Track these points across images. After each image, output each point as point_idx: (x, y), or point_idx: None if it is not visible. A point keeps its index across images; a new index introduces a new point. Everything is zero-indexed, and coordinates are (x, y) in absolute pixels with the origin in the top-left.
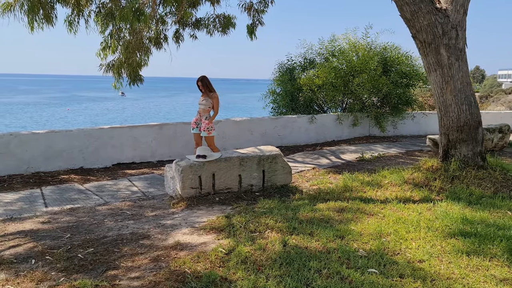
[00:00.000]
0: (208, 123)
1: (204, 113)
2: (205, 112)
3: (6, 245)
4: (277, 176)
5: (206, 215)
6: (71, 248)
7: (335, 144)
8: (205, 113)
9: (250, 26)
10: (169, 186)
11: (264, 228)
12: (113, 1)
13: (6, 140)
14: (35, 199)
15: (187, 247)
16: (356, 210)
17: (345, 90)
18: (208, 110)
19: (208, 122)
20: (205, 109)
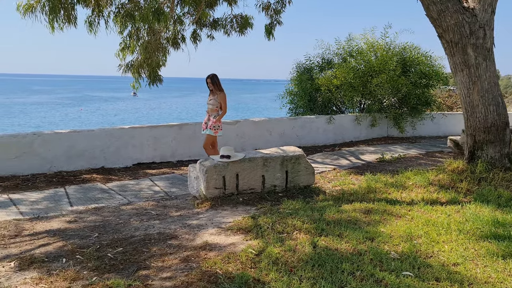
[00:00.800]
0: (215, 121)
1: (212, 113)
2: (213, 112)
3: (36, 244)
4: (300, 176)
5: (231, 215)
6: (100, 248)
7: (353, 144)
8: (213, 113)
9: (268, 26)
10: (193, 186)
11: (291, 229)
12: (132, 1)
13: (29, 139)
14: (60, 198)
15: (216, 247)
16: (383, 212)
17: (363, 91)
18: (216, 109)
19: (215, 121)
20: (213, 108)
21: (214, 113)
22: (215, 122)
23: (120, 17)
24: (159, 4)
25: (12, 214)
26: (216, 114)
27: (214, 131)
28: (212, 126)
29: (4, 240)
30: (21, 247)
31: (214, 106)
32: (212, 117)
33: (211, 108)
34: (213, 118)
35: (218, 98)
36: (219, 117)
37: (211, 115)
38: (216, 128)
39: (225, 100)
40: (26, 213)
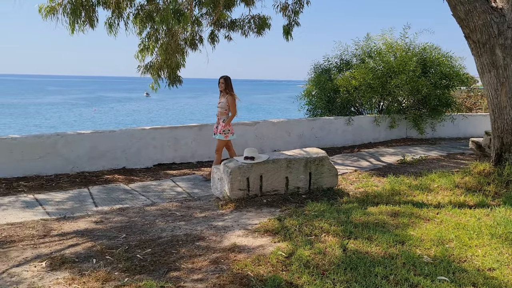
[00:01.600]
0: (224, 125)
1: (221, 116)
2: (223, 115)
3: (66, 244)
4: (323, 178)
5: (256, 217)
6: (129, 248)
7: (372, 146)
8: (222, 116)
9: (286, 27)
10: (216, 188)
11: (319, 231)
12: (151, 3)
13: (53, 140)
14: (84, 198)
15: (245, 249)
16: (410, 215)
17: (382, 92)
18: (225, 112)
19: (224, 125)
20: (222, 111)
21: (224, 117)
22: (224, 126)
23: (140, 19)
24: (179, 5)
25: (39, 214)
26: (225, 117)
27: (225, 136)
28: (222, 131)
29: (33, 240)
30: (51, 247)
31: (223, 109)
32: (222, 121)
33: (220, 111)
34: (222, 122)
35: (226, 101)
36: (228, 120)
37: (220, 119)
38: (226, 132)
39: (234, 102)
40: (52, 213)
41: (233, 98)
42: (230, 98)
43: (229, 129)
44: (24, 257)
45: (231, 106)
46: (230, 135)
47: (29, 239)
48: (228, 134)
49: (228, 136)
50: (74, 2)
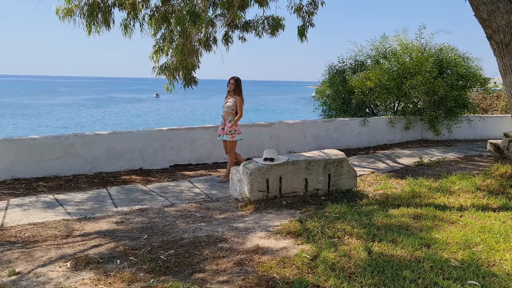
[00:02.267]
0: (231, 126)
1: (227, 117)
2: (229, 116)
3: (89, 245)
4: (342, 180)
5: (276, 219)
6: (152, 250)
7: (387, 147)
8: (228, 117)
9: (301, 28)
10: (235, 189)
11: (342, 233)
12: (166, 4)
13: (71, 141)
14: (103, 199)
15: (268, 251)
16: (433, 218)
17: (398, 93)
18: (231, 113)
19: (231, 125)
20: (229, 112)
21: (230, 117)
22: (230, 127)
23: (155, 20)
24: (195, 7)
25: (60, 214)
26: (231, 118)
27: (231, 136)
28: (228, 131)
29: (57, 240)
30: (74, 247)
31: (230, 109)
32: (228, 122)
33: (226, 112)
34: (228, 123)
35: (234, 101)
36: (235, 121)
37: (226, 120)
38: (233, 132)
39: (241, 104)
40: (73, 214)
41: (241, 99)
42: (239, 99)
43: (236, 130)
44: (48, 257)
45: (238, 107)
46: (237, 136)
47: (52, 239)
48: (234, 134)
49: (235, 136)
50: (91, 3)
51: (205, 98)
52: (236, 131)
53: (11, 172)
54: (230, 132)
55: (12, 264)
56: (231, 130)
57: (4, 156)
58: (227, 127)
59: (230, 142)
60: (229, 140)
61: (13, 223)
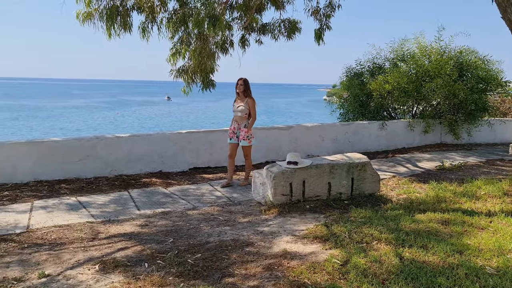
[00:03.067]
0: (247, 131)
1: (241, 121)
2: (243, 120)
3: (115, 247)
4: (365, 184)
5: (301, 223)
6: (179, 253)
7: (406, 151)
8: (242, 121)
9: (318, 30)
10: (258, 192)
11: (370, 239)
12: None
13: (93, 143)
14: (126, 201)
15: (297, 256)
16: (462, 223)
17: (417, 96)
18: (245, 117)
19: (247, 130)
20: (242, 116)
21: (244, 122)
22: (247, 132)
23: (172, 23)
24: (214, 10)
25: (84, 216)
26: (246, 122)
27: (248, 141)
28: (246, 137)
29: (83, 242)
30: (101, 250)
31: (243, 114)
32: (243, 126)
33: (240, 116)
34: (243, 127)
35: (246, 104)
36: (250, 125)
37: (240, 124)
38: (250, 137)
39: (255, 106)
40: (97, 216)
41: (253, 101)
42: (251, 102)
43: (251, 134)
44: (76, 259)
45: (252, 110)
46: (253, 140)
47: (79, 241)
48: (251, 139)
49: (251, 141)
50: (110, 7)
51: (216, 101)
52: (252, 135)
53: (34, 174)
54: (247, 137)
55: (41, 266)
56: (247, 135)
57: (27, 158)
58: (243, 132)
59: (248, 147)
60: (246, 145)
61: (39, 225)
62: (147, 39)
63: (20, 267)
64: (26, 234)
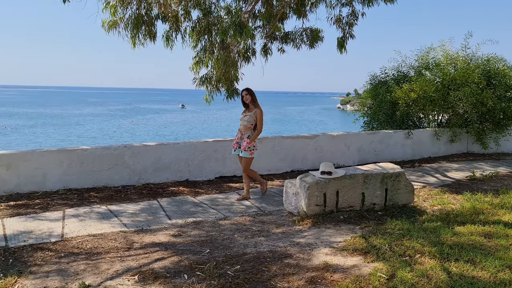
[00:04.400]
0: (249, 142)
1: (246, 131)
2: (247, 130)
3: (152, 258)
4: (399, 194)
5: (337, 234)
6: (217, 264)
7: (432, 161)
8: (246, 131)
9: (341, 39)
10: (290, 203)
11: (412, 252)
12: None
13: (120, 151)
14: (156, 210)
15: (339, 269)
16: (506, 236)
17: (444, 104)
18: (250, 127)
19: (249, 141)
20: (247, 126)
21: (248, 132)
22: (249, 143)
23: (196, 32)
24: (240, 18)
25: (117, 225)
26: (250, 133)
27: (250, 153)
28: (247, 148)
29: (119, 252)
30: (138, 260)
31: (249, 124)
32: (246, 137)
33: (245, 126)
34: (247, 138)
35: (254, 115)
36: (253, 137)
37: (244, 134)
38: (251, 149)
39: (262, 117)
40: (129, 225)
41: (261, 112)
42: (259, 113)
43: (254, 146)
44: (114, 270)
45: (258, 121)
46: (256, 152)
47: (115, 251)
48: (253, 151)
49: (253, 153)
50: (136, 16)
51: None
52: (255, 147)
53: (63, 182)
54: (249, 148)
55: (80, 276)
56: (249, 146)
57: (58, 166)
58: (245, 142)
59: (247, 159)
60: (247, 157)
61: (73, 233)
62: (171, 48)
63: (59, 276)
64: (61, 243)
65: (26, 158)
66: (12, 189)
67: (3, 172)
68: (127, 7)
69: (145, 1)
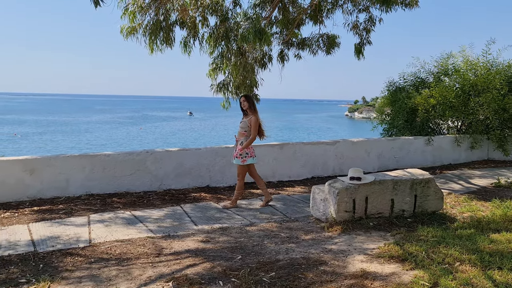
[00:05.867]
0: (241, 149)
1: (240, 138)
2: (241, 136)
3: (184, 264)
4: (428, 201)
5: (369, 241)
6: (251, 271)
7: (453, 167)
8: (241, 138)
9: (358, 45)
10: (318, 209)
11: (451, 259)
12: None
13: (142, 157)
14: (181, 216)
15: (377, 277)
16: None
17: (465, 110)
18: (244, 133)
19: (241, 148)
20: (241, 132)
21: (242, 138)
22: (241, 150)
23: (214, 38)
24: (260, 24)
25: (143, 231)
26: (244, 139)
27: (242, 160)
28: (239, 155)
29: (149, 258)
30: (169, 266)
31: (243, 130)
32: (239, 143)
33: (239, 132)
34: (240, 145)
35: (248, 121)
36: (246, 144)
37: (238, 141)
38: (244, 156)
39: (256, 124)
40: (156, 231)
41: (256, 119)
42: (254, 119)
43: (247, 153)
44: (147, 276)
45: (252, 128)
46: (249, 159)
47: (144, 257)
48: (246, 158)
49: (245, 160)
50: (154, 22)
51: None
52: (248, 154)
53: (85, 187)
54: (240, 155)
55: (113, 282)
56: (241, 153)
57: (80, 171)
58: (237, 149)
59: (241, 167)
60: (239, 164)
61: (100, 239)
62: (189, 54)
63: (92, 282)
64: (90, 248)
65: (49, 163)
66: (35, 194)
67: (26, 177)
68: (145, 13)
69: (163, 7)
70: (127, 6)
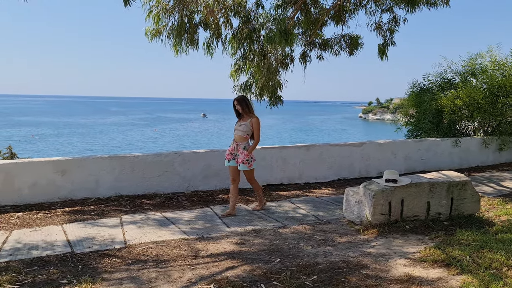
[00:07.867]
0: (247, 154)
1: (241, 142)
2: (243, 140)
3: (223, 266)
4: (465, 204)
5: (408, 245)
6: (292, 274)
7: (481, 170)
8: (242, 142)
9: (382, 46)
10: (352, 211)
11: (498, 264)
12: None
13: (171, 158)
14: (212, 218)
15: (424, 282)
16: None
17: (493, 112)
18: (246, 137)
19: (247, 153)
20: (243, 136)
21: (244, 143)
22: (247, 155)
23: (237, 39)
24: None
25: (177, 233)
26: (246, 143)
27: (248, 165)
28: (245, 160)
29: (186, 260)
30: (208, 268)
31: (245, 134)
32: (242, 148)
33: (240, 136)
34: (243, 150)
35: (250, 124)
36: (251, 148)
37: (240, 145)
38: (250, 161)
39: (259, 126)
40: (189, 233)
41: (258, 121)
42: (255, 121)
43: (252, 157)
44: (187, 278)
45: (255, 130)
46: (254, 163)
47: (182, 259)
48: (251, 162)
49: (251, 165)
50: (179, 24)
51: None
52: (253, 158)
53: (115, 188)
54: (247, 161)
55: (154, 284)
56: (247, 159)
57: (110, 173)
58: (242, 155)
59: (249, 171)
60: (246, 169)
61: (135, 240)
62: (211, 56)
63: (133, 284)
64: (126, 249)
65: (80, 164)
66: (66, 195)
67: (58, 178)
68: (170, 15)
69: (187, 9)
70: (151, 9)
